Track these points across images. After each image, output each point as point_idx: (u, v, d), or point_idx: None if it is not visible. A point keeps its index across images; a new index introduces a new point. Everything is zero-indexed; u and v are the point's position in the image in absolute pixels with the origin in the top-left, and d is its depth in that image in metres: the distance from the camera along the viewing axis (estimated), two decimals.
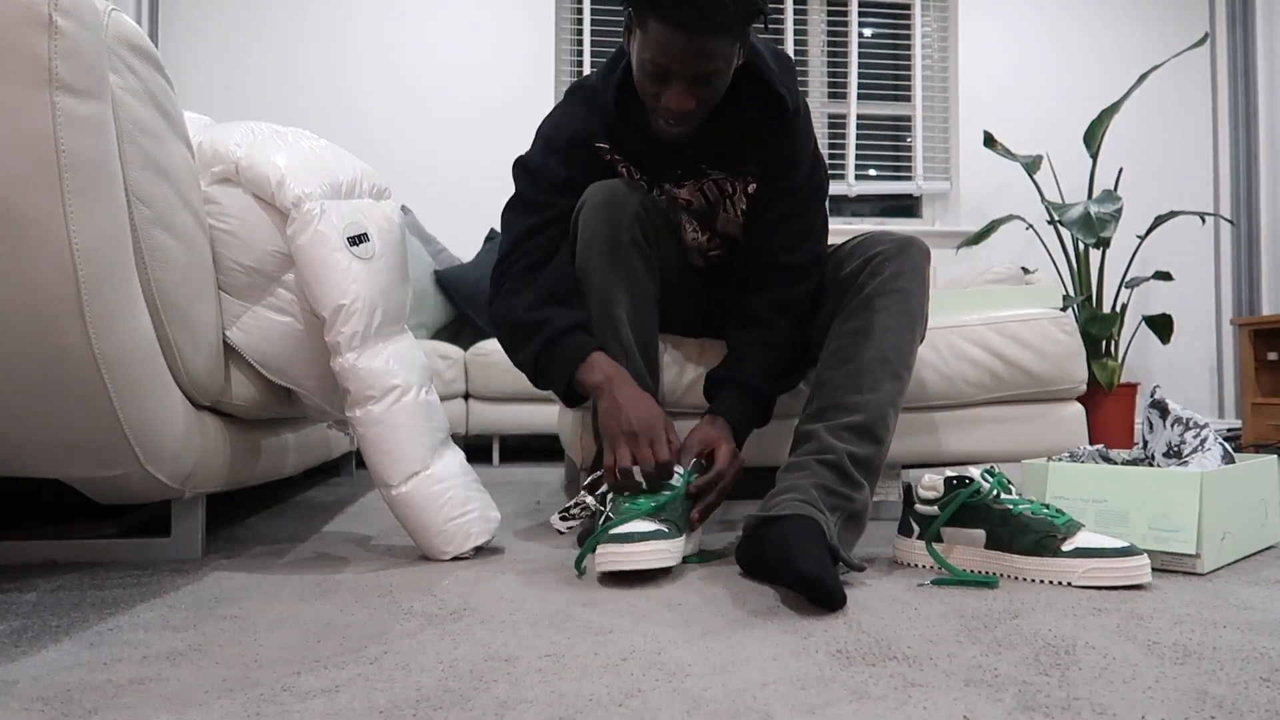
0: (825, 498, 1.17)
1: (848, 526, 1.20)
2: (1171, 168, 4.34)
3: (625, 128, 1.39)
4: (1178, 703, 0.68)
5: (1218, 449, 1.29)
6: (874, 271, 1.36)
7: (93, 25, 0.95)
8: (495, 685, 0.73)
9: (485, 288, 3.31)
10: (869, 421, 1.24)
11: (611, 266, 1.33)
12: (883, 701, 0.69)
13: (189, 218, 1.16)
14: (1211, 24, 4.37)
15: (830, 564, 1.02)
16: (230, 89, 3.83)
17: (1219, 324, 4.34)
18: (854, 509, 1.20)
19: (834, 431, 1.24)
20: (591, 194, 1.35)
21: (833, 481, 1.19)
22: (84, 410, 1.01)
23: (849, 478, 1.20)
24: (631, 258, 1.34)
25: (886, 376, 1.27)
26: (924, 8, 4.30)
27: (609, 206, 1.33)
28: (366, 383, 1.24)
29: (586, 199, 1.35)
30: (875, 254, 1.37)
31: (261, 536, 1.51)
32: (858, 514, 1.21)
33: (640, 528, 1.13)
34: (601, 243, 1.33)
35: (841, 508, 1.19)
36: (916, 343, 1.35)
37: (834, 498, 1.18)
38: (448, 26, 3.98)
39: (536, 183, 1.43)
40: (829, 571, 0.99)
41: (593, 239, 1.33)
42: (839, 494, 1.19)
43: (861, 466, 1.22)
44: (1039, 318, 1.71)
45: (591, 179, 1.39)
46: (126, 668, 0.79)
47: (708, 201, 1.49)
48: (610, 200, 1.33)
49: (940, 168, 4.31)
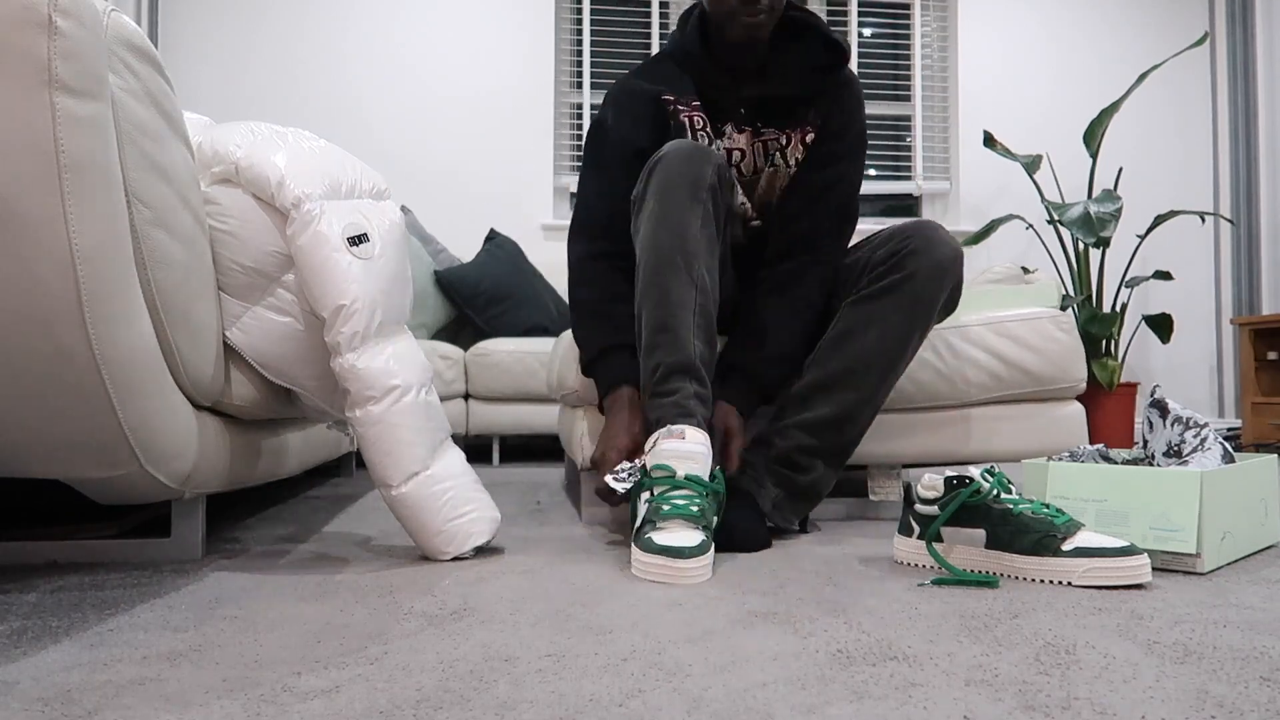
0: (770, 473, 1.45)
1: (796, 498, 1.45)
2: (1171, 167, 4.34)
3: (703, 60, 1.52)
4: (1178, 703, 0.68)
5: (1218, 448, 1.29)
6: (898, 264, 1.43)
7: (92, 25, 0.95)
8: (495, 685, 0.73)
9: (485, 288, 3.32)
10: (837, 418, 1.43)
11: (692, 203, 1.35)
12: (883, 701, 0.69)
13: (189, 218, 1.16)
14: (1211, 24, 4.37)
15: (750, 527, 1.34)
16: (230, 89, 3.83)
17: (1219, 323, 4.34)
18: (799, 485, 1.45)
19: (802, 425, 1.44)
20: (673, 146, 1.39)
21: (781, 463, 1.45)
22: (84, 410, 1.01)
23: (798, 465, 1.45)
24: (709, 200, 1.37)
25: (872, 378, 1.43)
26: (924, 8, 4.30)
27: (692, 156, 1.37)
28: (366, 383, 1.24)
29: (668, 150, 1.39)
30: (904, 246, 1.43)
31: (261, 537, 1.51)
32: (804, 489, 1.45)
33: (689, 540, 1.14)
34: (683, 185, 1.36)
35: (786, 484, 1.45)
36: (916, 342, 1.45)
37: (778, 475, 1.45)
38: (447, 26, 3.98)
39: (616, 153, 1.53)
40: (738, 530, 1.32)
41: (672, 181, 1.36)
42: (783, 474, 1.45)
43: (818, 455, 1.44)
44: (1039, 317, 1.71)
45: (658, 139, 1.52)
46: (126, 668, 0.79)
47: (754, 160, 1.56)
48: (694, 151, 1.38)
49: (940, 167, 4.31)
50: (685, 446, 1.23)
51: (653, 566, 1.12)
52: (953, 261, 1.42)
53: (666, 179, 1.36)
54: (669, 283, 1.33)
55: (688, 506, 1.19)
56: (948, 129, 4.30)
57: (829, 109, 1.53)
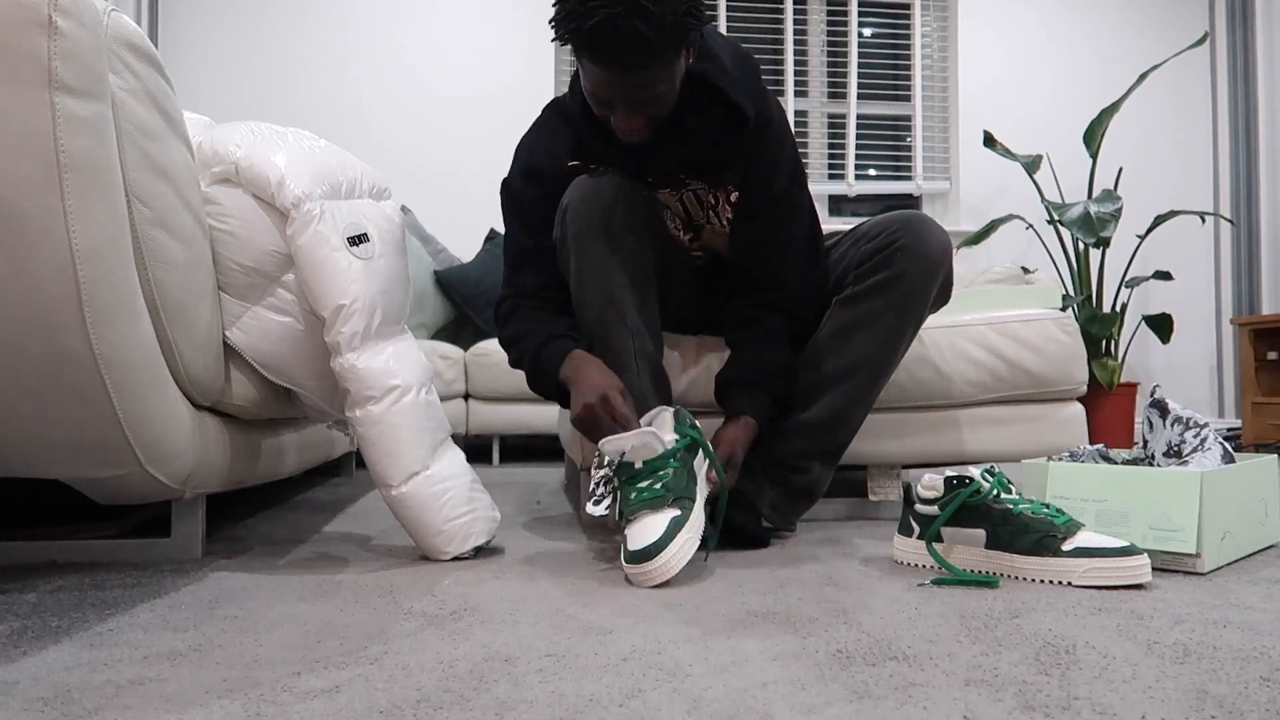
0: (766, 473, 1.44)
1: (793, 498, 1.46)
2: (1171, 167, 4.34)
3: (594, 135, 1.40)
4: (1178, 703, 0.68)
5: (1218, 448, 1.29)
6: (887, 261, 1.40)
7: (92, 25, 0.95)
8: (495, 685, 0.73)
9: (485, 288, 3.32)
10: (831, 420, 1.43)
11: (609, 250, 1.34)
12: (883, 701, 0.69)
13: (189, 218, 1.16)
14: (1211, 24, 4.37)
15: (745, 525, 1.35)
16: (230, 89, 3.83)
17: (1219, 323, 4.34)
18: (796, 485, 1.45)
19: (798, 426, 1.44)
20: (572, 191, 1.36)
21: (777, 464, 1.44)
22: (84, 410, 1.01)
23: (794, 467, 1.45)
24: (625, 238, 1.35)
25: (865, 379, 1.43)
26: (924, 8, 4.30)
27: (592, 199, 1.34)
28: (366, 383, 1.24)
29: (568, 198, 1.36)
30: (894, 241, 1.40)
31: (261, 537, 1.51)
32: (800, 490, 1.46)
33: (652, 533, 1.12)
34: (593, 230, 1.33)
35: (782, 484, 1.44)
36: (908, 338, 1.45)
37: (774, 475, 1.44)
38: (447, 26, 3.98)
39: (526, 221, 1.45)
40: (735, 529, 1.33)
41: (584, 231, 1.34)
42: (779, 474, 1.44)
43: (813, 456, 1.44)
44: (1040, 318, 1.71)
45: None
46: (126, 668, 0.79)
47: (688, 214, 1.51)
48: (593, 192, 1.35)
49: (940, 167, 4.31)
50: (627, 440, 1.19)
51: (630, 573, 1.12)
52: (944, 255, 1.40)
53: (578, 229, 1.34)
54: (608, 335, 1.34)
55: (650, 486, 1.17)
56: (948, 129, 4.30)
57: (748, 163, 1.41)
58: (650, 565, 1.10)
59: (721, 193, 1.47)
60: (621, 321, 1.34)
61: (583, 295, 1.36)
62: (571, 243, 1.35)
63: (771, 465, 1.44)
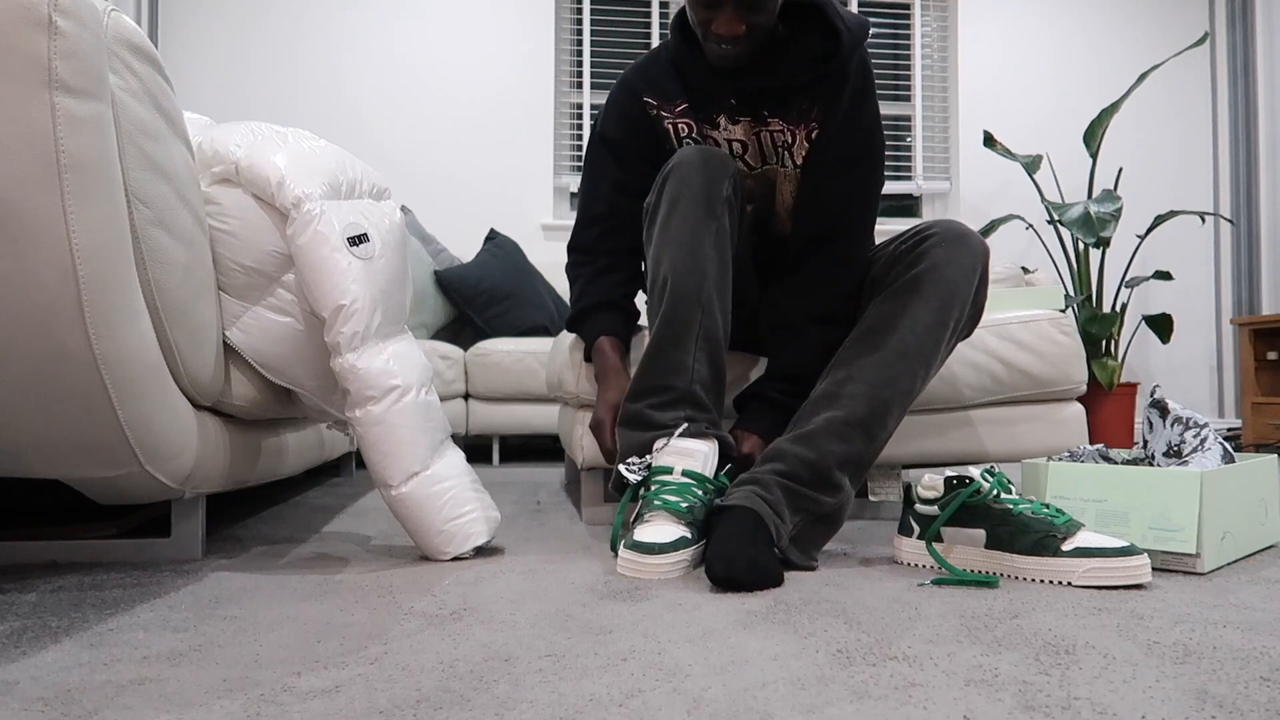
0: (790, 498, 1.21)
1: (816, 525, 1.24)
2: (1171, 167, 4.34)
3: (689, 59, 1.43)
4: (1178, 703, 0.68)
5: (1218, 448, 1.29)
6: (922, 255, 1.35)
7: (92, 25, 0.95)
8: (495, 685, 0.73)
9: (485, 288, 3.32)
10: (868, 418, 1.27)
11: (704, 218, 1.31)
12: (883, 701, 0.69)
13: (189, 218, 1.16)
14: (1211, 24, 4.37)
15: (759, 559, 1.09)
16: (230, 89, 3.83)
17: (1219, 323, 4.34)
18: (824, 510, 1.24)
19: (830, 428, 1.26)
20: (687, 152, 1.35)
21: (805, 482, 1.23)
22: (84, 411, 1.01)
23: (826, 480, 1.24)
24: (722, 215, 1.34)
25: (903, 371, 1.29)
26: (924, 8, 4.30)
27: (707, 166, 1.33)
28: (366, 383, 1.24)
29: (676, 159, 1.35)
30: (927, 238, 1.37)
31: (261, 537, 1.51)
32: (827, 515, 1.25)
33: (664, 536, 1.16)
34: (693, 195, 1.32)
35: (808, 509, 1.23)
36: (948, 338, 1.34)
37: (801, 499, 1.22)
38: (447, 26, 3.98)
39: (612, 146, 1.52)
40: (740, 570, 1.07)
41: (682, 194, 1.32)
42: (807, 496, 1.22)
43: (848, 465, 1.26)
44: (1039, 319, 1.71)
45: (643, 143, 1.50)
46: (126, 668, 0.79)
47: (761, 153, 1.47)
48: (708, 160, 1.34)
49: (940, 167, 4.31)
50: (686, 444, 1.24)
51: (624, 562, 1.17)
52: (981, 251, 1.35)
53: (680, 191, 1.32)
54: (677, 305, 1.29)
55: (677, 502, 1.20)
56: (948, 129, 4.30)
57: (829, 105, 1.41)
58: (650, 560, 1.14)
59: (801, 129, 1.44)
60: (696, 294, 1.30)
61: (661, 255, 1.32)
62: (668, 200, 1.33)
63: (794, 481, 1.22)
